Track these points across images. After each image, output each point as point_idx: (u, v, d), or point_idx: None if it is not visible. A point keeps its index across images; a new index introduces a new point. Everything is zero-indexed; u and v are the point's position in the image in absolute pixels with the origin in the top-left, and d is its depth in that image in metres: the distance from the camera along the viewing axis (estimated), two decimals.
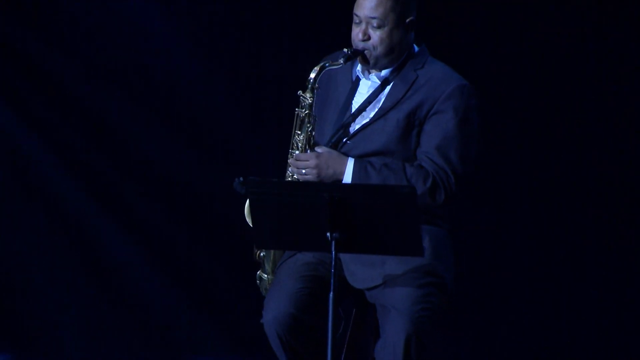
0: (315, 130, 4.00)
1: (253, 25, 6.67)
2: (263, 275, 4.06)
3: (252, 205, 3.62)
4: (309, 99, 3.91)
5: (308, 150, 3.95)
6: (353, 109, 3.97)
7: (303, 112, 3.92)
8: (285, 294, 3.85)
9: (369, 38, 3.89)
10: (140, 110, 6.72)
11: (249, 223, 3.86)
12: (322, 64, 3.90)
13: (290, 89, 6.26)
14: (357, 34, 3.91)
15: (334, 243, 3.52)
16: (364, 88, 3.99)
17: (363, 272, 3.84)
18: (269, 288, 3.99)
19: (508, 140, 6.38)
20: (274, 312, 3.83)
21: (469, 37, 6.35)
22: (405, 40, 3.94)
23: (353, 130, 3.96)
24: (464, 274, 4.17)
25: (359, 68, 3.99)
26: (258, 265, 4.07)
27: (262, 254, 4.01)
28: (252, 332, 6.05)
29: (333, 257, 3.53)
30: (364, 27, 3.90)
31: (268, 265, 4.03)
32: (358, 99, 3.99)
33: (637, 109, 6.28)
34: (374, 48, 3.89)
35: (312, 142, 3.97)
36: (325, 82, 4.00)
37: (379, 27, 3.89)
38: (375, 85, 3.98)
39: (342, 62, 3.89)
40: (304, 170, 3.90)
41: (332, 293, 3.52)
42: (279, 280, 3.93)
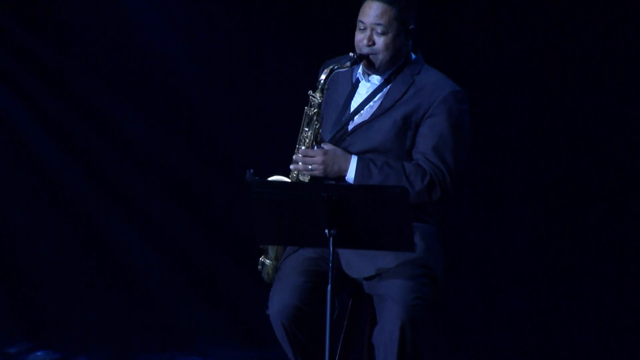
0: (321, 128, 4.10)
1: (256, 29, 6.74)
2: (266, 261, 4.12)
3: (254, 204, 3.69)
4: (319, 99, 3.99)
5: (315, 147, 4.03)
6: (352, 109, 4.06)
7: (312, 110, 4.00)
8: (290, 288, 3.93)
9: (374, 44, 3.98)
10: (150, 113, 6.80)
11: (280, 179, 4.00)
12: (331, 67, 3.98)
13: (290, 94, 6.24)
14: (361, 40, 3.99)
15: (332, 239, 3.62)
16: (363, 89, 4.08)
17: (360, 263, 3.94)
18: (274, 282, 4.06)
19: (493, 140, 6.40)
20: (280, 304, 3.91)
21: (461, 45, 6.37)
22: (406, 47, 4.04)
23: (351, 128, 4.04)
24: (452, 267, 4.24)
25: (360, 71, 4.08)
26: (261, 254, 4.15)
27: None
28: (255, 323, 6.26)
29: (331, 252, 3.63)
30: (369, 33, 3.99)
31: (272, 252, 4.11)
32: (357, 99, 4.08)
33: (629, 111, 6.26)
34: (378, 53, 3.99)
35: (318, 139, 4.05)
36: (329, 85, 4.09)
37: (384, 33, 3.98)
38: (374, 87, 4.07)
39: (348, 65, 3.98)
40: (311, 166, 3.99)
41: (329, 286, 3.64)
42: (284, 275, 4.01)
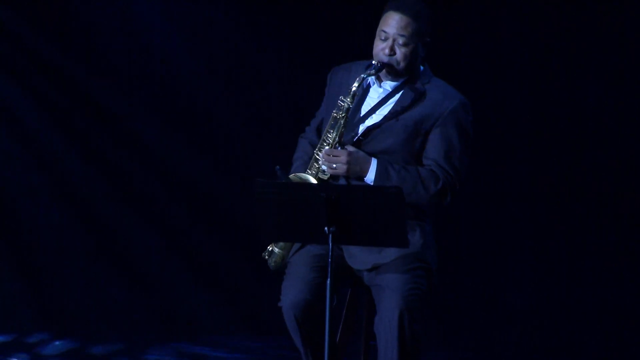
0: (323, 124, 4.22)
1: (265, 34, 6.82)
2: (275, 249, 4.19)
3: (258, 204, 3.80)
4: (348, 103, 4.07)
5: (338, 147, 4.12)
6: (362, 112, 4.17)
7: (340, 114, 4.09)
8: (302, 283, 4.04)
9: (395, 53, 4.07)
10: (154, 110, 6.89)
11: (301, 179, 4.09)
12: (362, 77, 4.06)
13: (295, 98, 6.35)
14: (383, 49, 4.08)
15: (331, 236, 3.74)
16: (375, 94, 4.18)
17: (362, 255, 4.06)
18: (286, 277, 4.15)
19: (484, 138, 6.32)
20: (292, 298, 4.02)
21: (462, 46, 6.47)
22: (420, 58, 4.16)
23: (362, 130, 4.15)
24: (449, 260, 4.45)
25: (371, 77, 4.17)
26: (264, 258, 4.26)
27: (270, 249, 4.21)
28: (259, 314, 6.35)
29: (330, 248, 3.75)
30: (391, 43, 4.07)
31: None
32: (369, 103, 4.18)
33: (623, 113, 6.32)
34: (397, 63, 4.08)
35: (342, 140, 4.13)
36: (338, 83, 4.23)
37: (405, 45, 4.07)
38: (386, 93, 4.17)
39: (374, 72, 4.08)
40: (335, 165, 4.08)
41: (329, 279, 3.77)
42: (295, 271, 4.11)
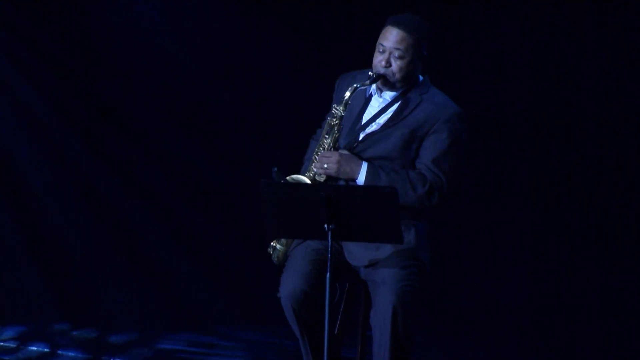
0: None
1: (272, 37, 6.82)
2: (277, 246, 4.25)
3: (263, 203, 3.88)
4: (341, 112, 4.16)
5: (332, 150, 4.20)
6: (364, 120, 4.24)
7: (334, 121, 4.18)
8: (299, 274, 4.09)
9: (390, 65, 4.14)
10: (170, 119, 6.95)
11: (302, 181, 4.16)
12: (354, 86, 4.15)
13: (303, 102, 6.37)
14: (380, 61, 4.15)
15: (330, 233, 3.82)
16: (376, 103, 4.25)
17: (360, 252, 4.13)
18: (285, 267, 4.19)
19: (483, 142, 6.42)
20: (290, 289, 4.08)
21: (464, 69, 6.50)
22: (417, 70, 4.22)
23: (363, 137, 4.21)
24: (438, 260, 4.46)
25: (373, 87, 4.25)
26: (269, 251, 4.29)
27: (272, 244, 4.26)
28: (264, 306, 6.39)
29: (329, 244, 3.83)
30: (387, 56, 4.14)
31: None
32: (370, 111, 4.25)
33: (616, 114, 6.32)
34: (393, 74, 4.16)
35: (337, 145, 4.22)
36: (343, 92, 4.23)
37: (400, 57, 4.14)
38: (385, 102, 4.24)
39: (368, 83, 4.17)
40: (326, 165, 4.17)
41: (328, 274, 3.84)
42: (293, 263, 4.16)
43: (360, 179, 4.16)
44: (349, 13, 6.58)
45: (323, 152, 4.20)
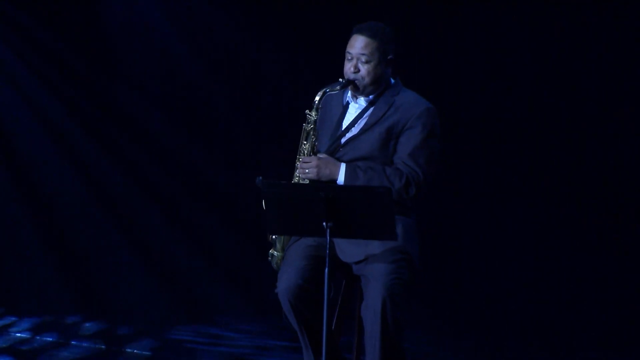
0: (318, 141, 4.36)
1: (275, 44, 6.92)
2: (275, 253, 4.35)
3: (266, 201, 3.98)
4: (314, 116, 4.28)
5: (312, 155, 4.32)
6: (344, 126, 4.35)
7: (309, 126, 4.30)
8: (294, 270, 4.17)
9: (359, 71, 4.27)
10: (179, 124, 7.12)
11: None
12: (324, 90, 4.26)
13: (295, 109, 6.09)
14: (349, 68, 4.28)
15: (328, 230, 3.93)
16: (353, 109, 4.38)
17: (350, 250, 4.22)
18: (281, 265, 4.27)
19: (463, 143, 6.55)
20: (286, 283, 4.16)
21: (436, 69, 6.58)
22: (386, 73, 4.32)
23: (344, 141, 4.32)
24: (426, 253, 4.51)
25: (349, 95, 4.38)
26: (270, 245, 4.38)
27: (274, 236, 4.37)
28: (265, 300, 6.46)
29: (328, 240, 3.93)
30: (355, 62, 4.27)
31: (279, 244, 4.36)
32: (348, 118, 4.37)
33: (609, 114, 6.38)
34: (362, 78, 4.28)
35: (315, 149, 4.33)
36: (324, 106, 4.37)
37: (367, 62, 4.26)
38: (361, 107, 4.36)
39: (338, 88, 4.28)
40: (307, 170, 4.25)
41: (327, 268, 3.94)
42: (289, 259, 4.24)
43: (340, 179, 4.24)
44: (349, 13, 6.61)
45: (303, 157, 4.29)
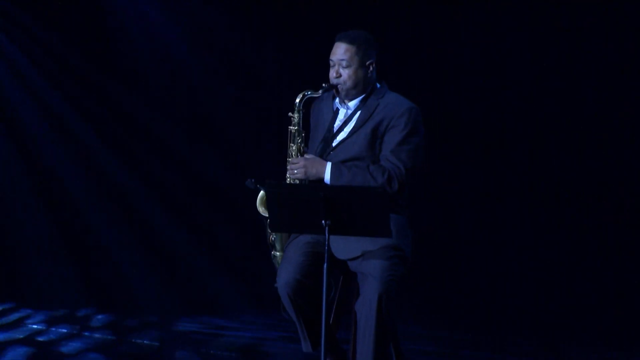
0: (310, 146, 4.49)
1: (278, 49, 7.04)
2: (276, 253, 4.48)
3: (269, 200, 4.08)
4: (296, 118, 4.40)
5: (299, 156, 4.45)
6: (334, 130, 4.50)
7: (294, 128, 4.43)
8: (293, 265, 4.27)
9: (340, 76, 4.41)
10: (186, 129, 7.26)
11: (260, 212, 4.34)
12: (303, 93, 4.40)
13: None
14: (332, 74, 4.44)
15: (327, 228, 4.03)
16: (342, 114, 4.53)
17: (346, 247, 4.31)
18: (281, 261, 4.39)
19: (450, 144, 6.65)
20: (285, 278, 4.26)
21: (465, 58, 6.65)
22: (367, 77, 4.44)
23: (335, 144, 4.47)
24: (418, 249, 4.56)
25: (337, 101, 4.52)
26: (270, 247, 4.50)
27: (273, 238, 4.47)
28: (266, 294, 6.22)
29: (327, 237, 4.03)
30: (337, 68, 4.42)
31: (279, 245, 4.48)
32: (338, 122, 4.52)
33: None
34: (344, 82, 4.43)
35: (302, 150, 4.44)
36: (316, 112, 4.55)
37: (347, 67, 4.40)
38: (349, 112, 4.50)
39: (320, 92, 4.41)
40: (295, 170, 4.37)
41: (325, 264, 4.03)
42: (288, 255, 4.35)
43: (327, 178, 4.36)
44: (350, 14, 6.69)
45: (291, 159, 4.40)
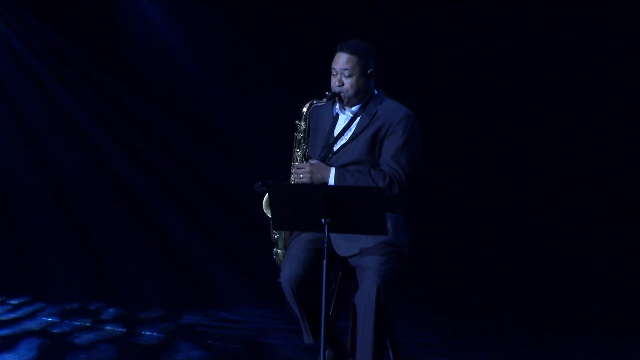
0: (310, 150, 4.60)
1: (280, 53, 7.16)
2: (278, 251, 4.60)
3: (271, 200, 4.23)
4: (303, 125, 4.53)
5: (305, 162, 4.56)
6: (335, 135, 4.62)
7: (300, 135, 4.55)
8: (296, 261, 4.40)
9: (343, 84, 4.52)
10: (191, 130, 7.40)
11: (267, 214, 4.43)
12: (310, 102, 4.52)
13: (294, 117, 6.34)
14: (334, 82, 4.54)
15: (327, 226, 4.14)
16: (342, 120, 4.63)
17: (346, 245, 4.45)
18: (283, 258, 4.50)
19: (446, 144, 6.75)
20: (288, 273, 4.38)
21: (465, 58, 6.72)
22: (368, 85, 4.56)
23: (336, 149, 4.58)
24: (415, 246, 4.68)
25: (337, 107, 4.62)
26: (273, 245, 4.62)
27: (276, 236, 4.58)
28: (270, 288, 6.13)
29: (326, 235, 4.16)
30: (339, 76, 4.51)
31: (281, 243, 4.60)
32: (338, 128, 4.63)
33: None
34: (347, 91, 4.53)
35: (306, 156, 4.57)
36: (316, 118, 4.65)
37: (349, 76, 4.50)
38: (349, 118, 4.61)
39: (325, 100, 4.53)
40: (301, 175, 4.50)
41: (325, 260, 4.15)
42: (291, 252, 4.47)
43: (331, 182, 4.46)
44: (350, 15, 6.79)
45: (297, 164, 4.50)
